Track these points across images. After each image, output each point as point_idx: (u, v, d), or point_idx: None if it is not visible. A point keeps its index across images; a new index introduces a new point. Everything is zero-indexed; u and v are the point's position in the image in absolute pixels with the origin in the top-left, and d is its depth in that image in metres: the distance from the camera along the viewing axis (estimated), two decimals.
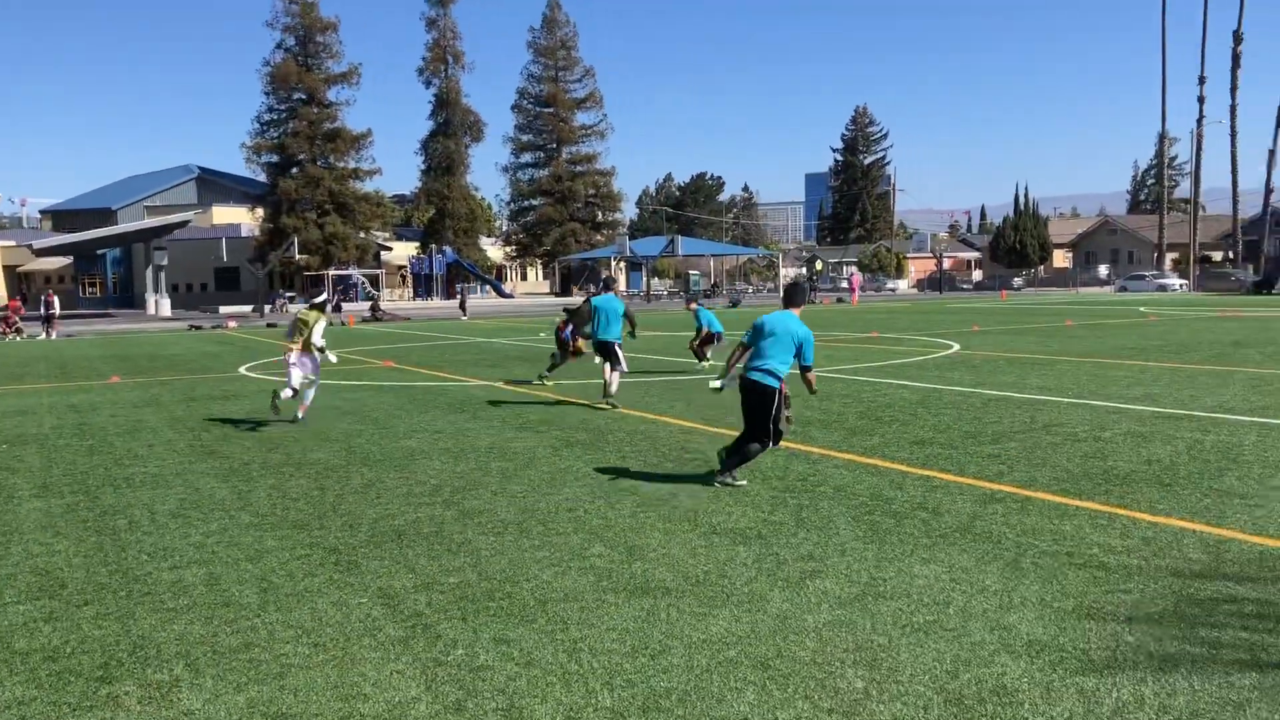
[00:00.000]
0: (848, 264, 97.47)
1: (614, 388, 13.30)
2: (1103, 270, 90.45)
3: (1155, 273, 75.71)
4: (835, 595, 5.48)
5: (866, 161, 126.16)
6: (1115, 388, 14.10)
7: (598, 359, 13.70)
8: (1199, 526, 6.66)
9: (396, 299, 73.55)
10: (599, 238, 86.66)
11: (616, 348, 13.41)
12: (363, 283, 68.49)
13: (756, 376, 8.20)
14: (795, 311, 8.45)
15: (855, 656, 4.63)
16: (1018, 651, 4.62)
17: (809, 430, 10.95)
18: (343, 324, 41.07)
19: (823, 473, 8.71)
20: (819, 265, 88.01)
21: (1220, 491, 7.63)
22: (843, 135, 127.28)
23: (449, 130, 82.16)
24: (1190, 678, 4.28)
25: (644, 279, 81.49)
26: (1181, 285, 70.53)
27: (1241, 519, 6.82)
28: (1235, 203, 76.50)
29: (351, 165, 73.26)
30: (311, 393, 12.69)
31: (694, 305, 19.97)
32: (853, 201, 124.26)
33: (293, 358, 12.34)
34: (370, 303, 52.71)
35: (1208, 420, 11.02)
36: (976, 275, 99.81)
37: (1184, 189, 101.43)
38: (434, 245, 77.99)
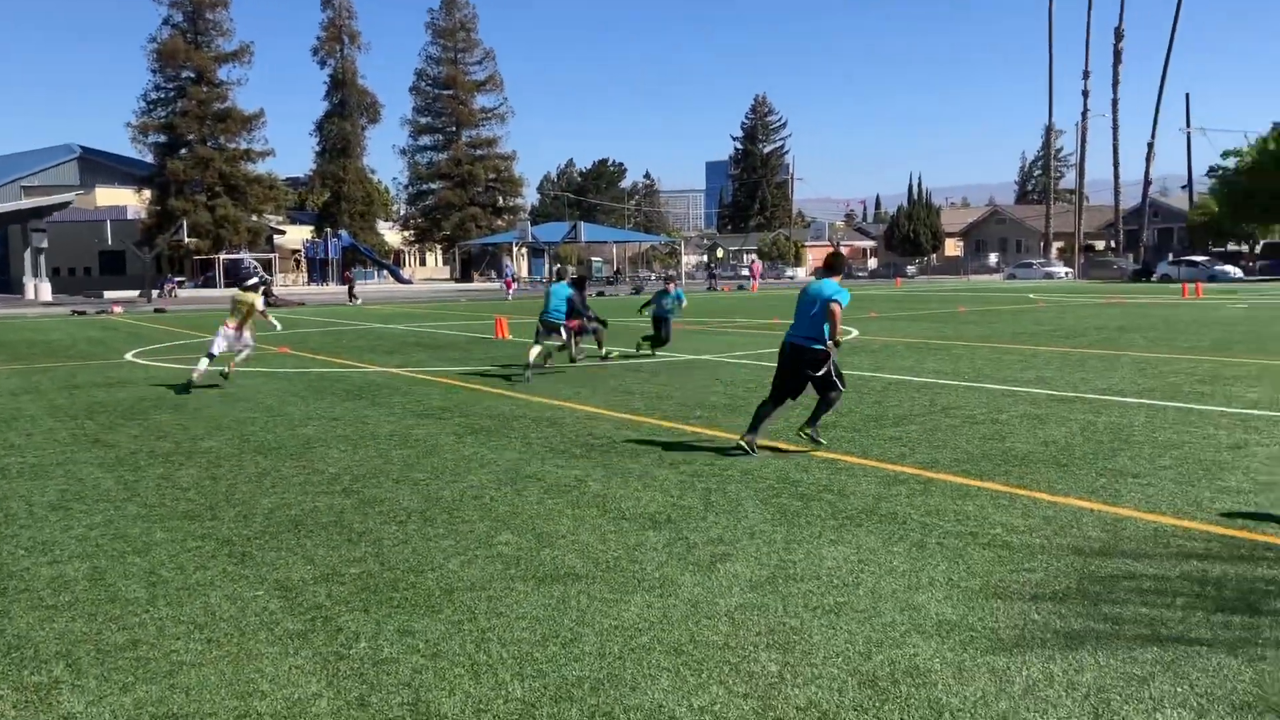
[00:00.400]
0: (748, 252, 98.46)
1: (574, 350, 16.23)
2: (992, 258, 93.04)
3: (1042, 261, 78.19)
4: (746, 578, 5.44)
5: (766, 150, 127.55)
6: (1009, 371, 14.45)
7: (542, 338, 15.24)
8: (1096, 505, 6.81)
9: (291, 284, 71.74)
10: (500, 223, 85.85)
11: (563, 328, 15.35)
12: (255, 267, 66.64)
13: (801, 342, 8.85)
14: (835, 279, 9.04)
15: (768, 640, 4.59)
16: (928, 632, 4.64)
17: (715, 415, 10.94)
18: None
19: (730, 456, 8.69)
20: (720, 253, 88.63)
21: (1114, 471, 7.83)
22: (742, 124, 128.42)
23: (345, 112, 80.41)
24: (1096, 654, 4.34)
25: (546, 265, 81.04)
26: (1067, 273, 72.98)
27: (1136, 497, 7.00)
28: (1117, 194, 79.35)
29: (243, 146, 71.10)
30: (246, 352, 14.52)
31: (673, 287, 18.90)
32: (753, 190, 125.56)
33: (228, 330, 14.08)
34: (263, 287, 51.29)
35: (1099, 402, 11.34)
36: (872, 263, 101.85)
37: (1069, 180, 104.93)
38: (329, 229, 76.27)
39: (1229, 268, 59.72)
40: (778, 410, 9.11)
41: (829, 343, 8.79)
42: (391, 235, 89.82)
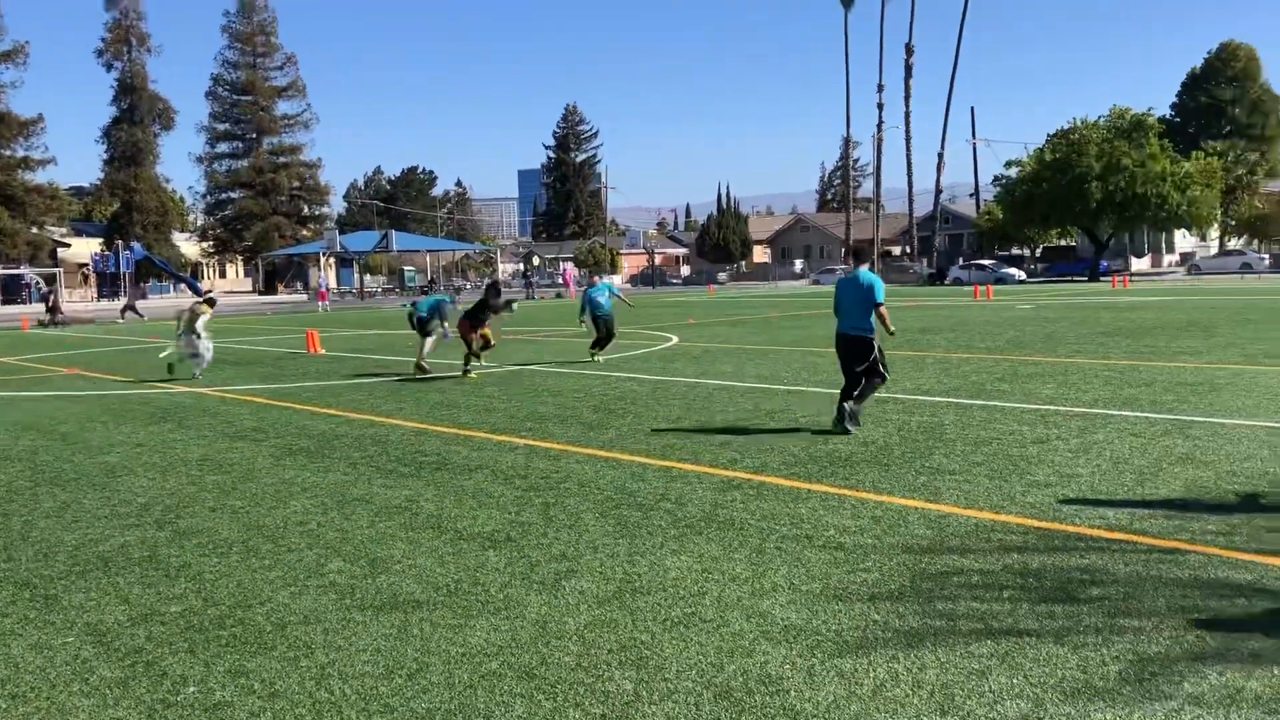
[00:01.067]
0: (564, 260, 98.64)
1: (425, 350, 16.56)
2: (798, 265, 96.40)
3: (844, 267, 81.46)
4: (593, 594, 5.39)
5: (578, 159, 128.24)
6: (824, 374, 14.93)
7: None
8: (919, 503, 7.09)
9: (79, 300, 67.28)
10: (305, 232, 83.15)
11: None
12: (37, 282, 62.19)
13: (851, 331, 10.15)
14: (864, 267, 10.42)
15: (620, 657, 4.54)
16: (776, 638, 4.70)
17: (546, 426, 10.85)
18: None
19: (565, 469, 8.62)
20: (536, 261, 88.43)
21: (932, 469, 8.18)
22: (555, 133, 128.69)
23: (135, 117, 76.25)
24: (936, 650, 4.49)
25: (355, 275, 78.86)
26: None
27: (955, 494, 7.33)
28: (911, 202, 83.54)
29: (20, 154, 66.58)
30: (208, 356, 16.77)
31: (598, 280, 18.83)
32: (567, 198, 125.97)
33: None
34: (46, 304, 47.87)
35: (910, 402, 11.85)
36: (685, 271, 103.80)
37: (867, 189, 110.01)
38: (120, 241, 72.00)
39: (1014, 270, 63.82)
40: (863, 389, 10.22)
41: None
42: (189, 247, 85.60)
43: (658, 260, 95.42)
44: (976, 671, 4.26)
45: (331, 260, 79.03)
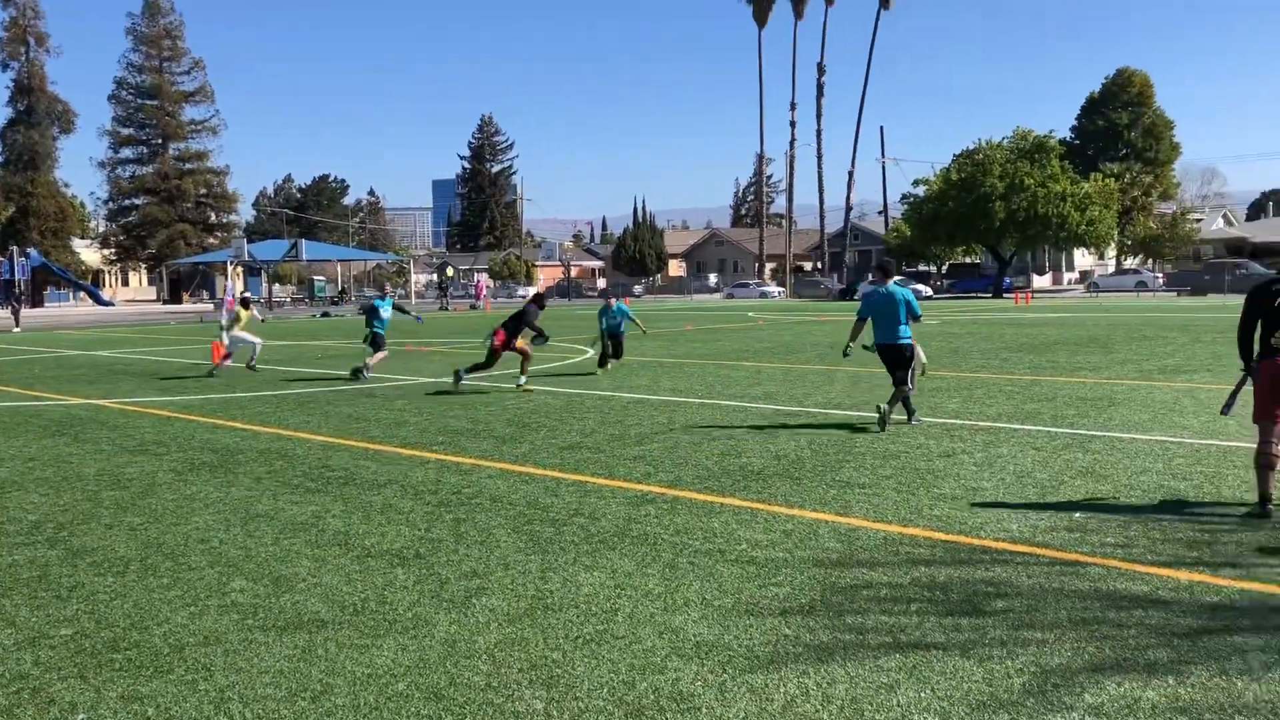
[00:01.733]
0: (479, 271, 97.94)
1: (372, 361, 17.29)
2: (712, 279, 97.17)
3: (757, 281, 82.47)
4: (503, 612, 5.31)
5: (494, 170, 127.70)
6: (738, 387, 15.05)
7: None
8: (830, 517, 7.16)
9: None
10: (212, 240, 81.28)
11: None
12: None
13: (893, 341, 11.17)
14: (892, 281, 11.34)
15: (531, 676, 4.48)
16: (688, 654, 4.69)
17: (459, 440, 10.72)
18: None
19: (477, 483, 8.52)
20: (451, 271, 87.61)
21: (842, 483, 8.28)
22: (470, 143, 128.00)
23: (32, 120, 73.72)
24: (845, 665, 4.53)
25: (264, 284, 77.24)
26: (780, 292, 77.29)
27: (864, 507, 7.42)
28: (822, 218, 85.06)
29: None
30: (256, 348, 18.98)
31: (613, 301, 19.23)
32: (482, 209, 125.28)
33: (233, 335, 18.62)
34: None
35: (821, 415, 11.99)
36: (601, 283, 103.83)
37: (780, 204, 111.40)
38: (15, 248, 69.37)
39: (921, 286, 65.19)
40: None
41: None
42: (89, 254, 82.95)
43: (574, 273, 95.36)
44: (885, 685, 4.30)
45: (239, 269, 77.28)
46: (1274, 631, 4.80)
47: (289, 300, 79.44)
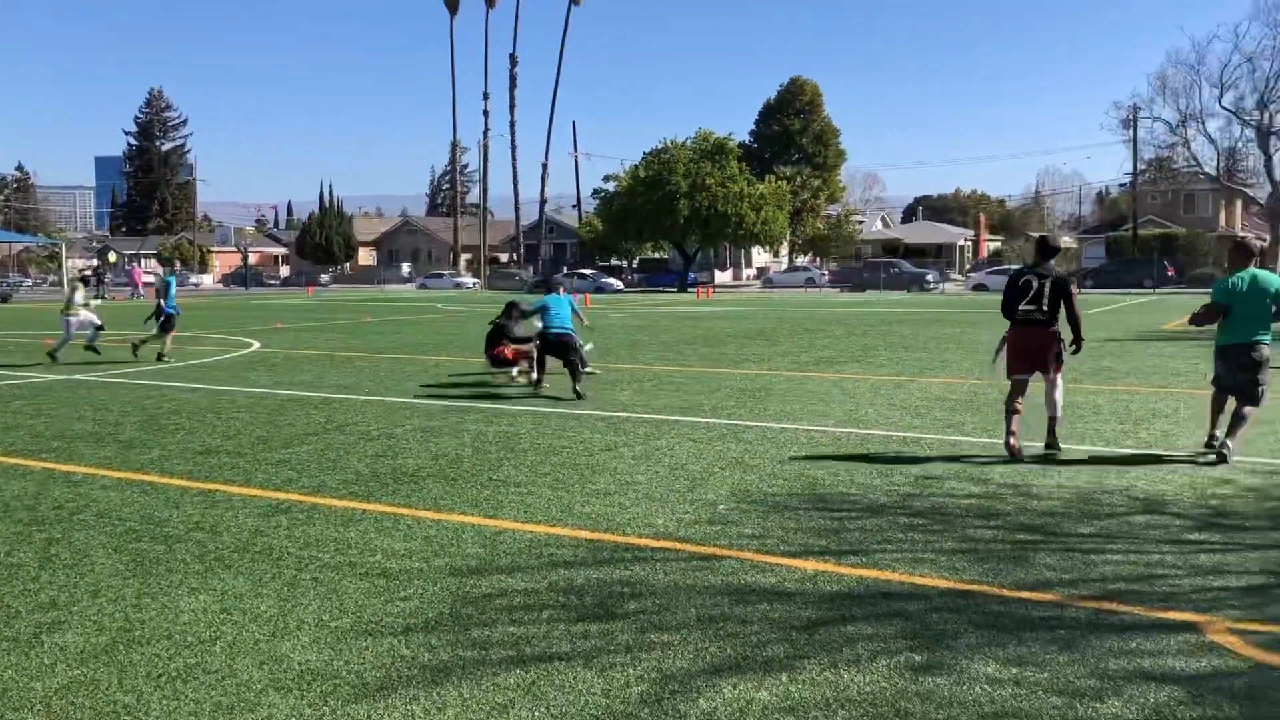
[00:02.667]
0: (147, 256, 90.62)
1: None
2: (405, 268, 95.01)
3: (452, 272, 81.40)
4: (78, 650, 4.59)
5: (165, 148, 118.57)
6: (410, 383, 14.49)
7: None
8: (477, 519, 6.85)
9: None
10: None
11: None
12: None
13: (561, 331, 12.73)
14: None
15: None
16: (288, 686, 4.21)
17: (75, 446, 9.54)
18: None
19: (86, 496, 7.54)
20: (113, 257, 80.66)
21: (498, 481, 8.00)
22: (137, 118, 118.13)
23: None
24: (460, 686, 4.21)
25: None
26: (474, 283, 76.68)
27: (515, 507, 7.17)
28: (517, 210, 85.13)
29: None
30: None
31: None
32: (151, 190, 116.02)
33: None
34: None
35: (490, 411, 11.69)
36: (284, 271, 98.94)
37: (476, 194, 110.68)
38: None
39: (613, 280, 66.79)
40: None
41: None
42: None
43: (254, 259, 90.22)
44: (499, 706, 4.02)
45: None
46: (882, 619, 4.95)
47: None
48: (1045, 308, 8.79)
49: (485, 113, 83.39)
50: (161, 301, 17.93)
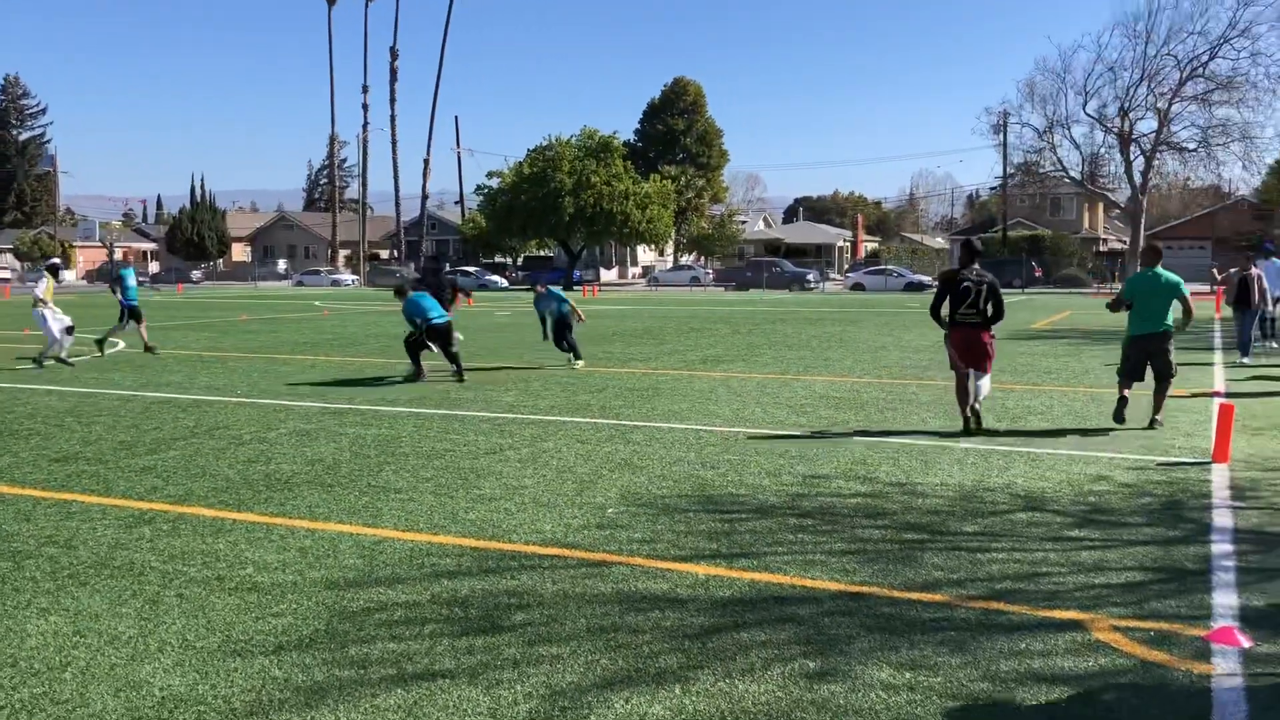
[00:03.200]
0: (3, 250, 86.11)
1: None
2: (281, 265, 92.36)
3: (330, 268, 79.46)
4: None
5: (21, 137, 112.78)
6: (285, 384, 13.97)
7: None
8: (356, 529, 6.56)
9: None
10: None
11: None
12: None
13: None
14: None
15: None
16: (146, 715, 3.89)
17: None
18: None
19: None
20: None
21: (378, 488, 7.70)
22: None
23: None
24: (336, 708, 3.96)
25: None
26: (354, 280, 75.00)
27: (395, 515, 6.89)
28: (398, 205, 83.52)
29: None
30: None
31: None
32: (7, 181, 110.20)
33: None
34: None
35: (370, 413, 11.32)
36: (154, 267, 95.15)
37: (355, 189, 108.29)
38: None
39: (497, 278, 66.13)
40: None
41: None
42: None
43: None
44: None
45: None
46: (776, 625, 4.87)
47: None
48: (982, 309, 9.97)
49: (365, 106, 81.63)
50: (119, 296, 18.17)
